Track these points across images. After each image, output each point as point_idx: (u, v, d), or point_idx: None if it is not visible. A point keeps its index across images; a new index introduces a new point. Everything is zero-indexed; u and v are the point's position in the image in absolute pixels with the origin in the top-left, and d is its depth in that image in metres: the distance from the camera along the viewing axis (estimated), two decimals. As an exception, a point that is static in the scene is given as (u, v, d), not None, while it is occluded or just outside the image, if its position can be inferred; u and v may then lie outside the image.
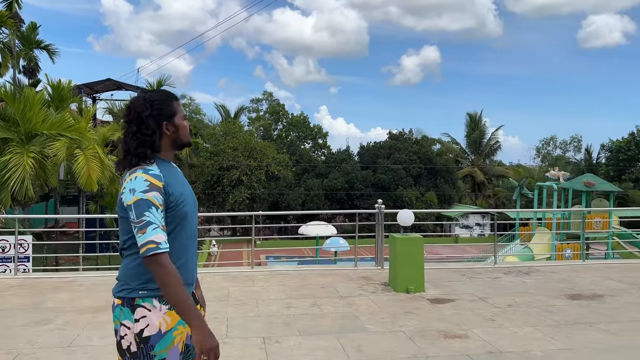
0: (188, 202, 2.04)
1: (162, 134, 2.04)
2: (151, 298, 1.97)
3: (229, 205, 41.40)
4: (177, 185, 2.02)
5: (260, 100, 57.34)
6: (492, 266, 7.87)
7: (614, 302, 5.91)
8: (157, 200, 1.91)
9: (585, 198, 28.49)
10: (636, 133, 46.30)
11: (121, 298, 1.98)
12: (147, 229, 1.86)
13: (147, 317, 1.95)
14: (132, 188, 1.91)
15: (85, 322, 5.01)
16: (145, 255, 1.86)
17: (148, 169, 1.96)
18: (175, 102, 2.09)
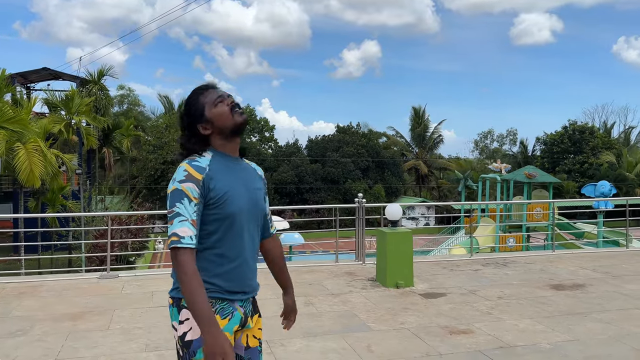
0: (235, 202, 1.85)
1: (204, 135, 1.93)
2: None
3: (174, 201, 40.20)
4: (226, 182, 1.86)
5: (203, 92, 55.92)
6: (469, 258, 7.95)
7: (596, 291, 6.07)
8: (191, 192, 1.78)
9: (526, 189, 29.76)
10: (568, 127, 48.88)
11: (172, 298, 1.91)
12: (174, 221, 1.76)
13: (191, 320, 1.81)
14: (174, 177, 1.83)
15: (65, 332, 4.57)
16: (169, 247, 1.77)
17: (195, 159, 1.86)
18: (202, 95, 1.94)
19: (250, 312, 2.00)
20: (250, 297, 1.98)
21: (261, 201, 2.02)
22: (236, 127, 1.91)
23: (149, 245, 29.93)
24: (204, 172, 1.81)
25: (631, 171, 43.95)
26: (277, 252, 2.24)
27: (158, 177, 40.95)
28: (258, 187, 2.01)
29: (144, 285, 6.24)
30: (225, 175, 1.87)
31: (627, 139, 53.50)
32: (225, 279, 1.87)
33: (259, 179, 2.07)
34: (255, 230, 1.98)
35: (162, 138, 41.41)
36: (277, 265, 2.25)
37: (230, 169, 1.90)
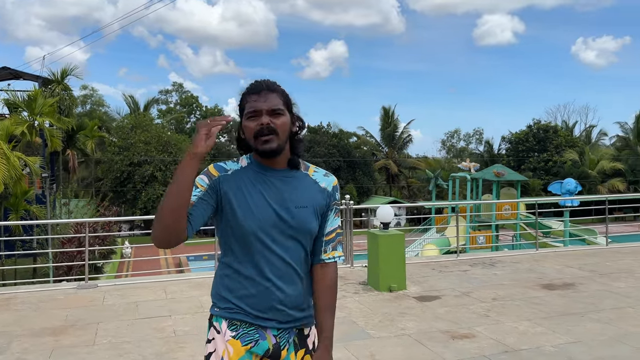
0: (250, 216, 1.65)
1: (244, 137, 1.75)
2: (221, 319, 1.72)
3: (142, 204, 39.30)
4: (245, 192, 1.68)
5: (170, 91, 54.93)
6: (456, 259, 7.91)
7: (587, 290, 6.09)
8: (199, 181, 1.68)
9: (495, 187, 30.24)
10: (533, 125, 50.05)
11: (210, 312, 1.78)
12: None
13: (214, 341, 1.72)
14: None
15: (48, 348, 4.27)
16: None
17: (226, 162, 1.77)
18: (246, 97, 1.71)
19: (292, 345, 1.73)
20: (292, 328, 1.73)
21: (302, 219, 1.70)
22: (257, 150, 1.69)
23: (117, 251, 29.15)
24: (223, 172, 1.71)
25: (593, 169, 45.29)
26: (322, 284, 1.79)
27: (124, 180, 39.93)
28: (301, 205, 1.71)
29: (126, 295, 5.94)
30: (249, 186, 1.68)
31: (589, 137, 55.13)
32: (249, 303, 1.69)
33: (319, 194, 1.77)
34: (295, 251, 1.71)
35: (127, 139, 40.38)
36: (317, 303, 1.80)
37: (261, 180, 1.70)
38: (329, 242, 1.81)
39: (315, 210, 1.75)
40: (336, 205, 1.83)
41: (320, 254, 1.80)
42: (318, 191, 1.78)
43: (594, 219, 37.24)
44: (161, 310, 5.32)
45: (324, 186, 1.79)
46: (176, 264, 30.25)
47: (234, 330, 1.69)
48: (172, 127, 48.19)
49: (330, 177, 1.82)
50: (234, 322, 1.69)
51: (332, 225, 1.82)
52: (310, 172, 1.80)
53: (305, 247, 1.74)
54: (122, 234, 37.81)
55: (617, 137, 54.18)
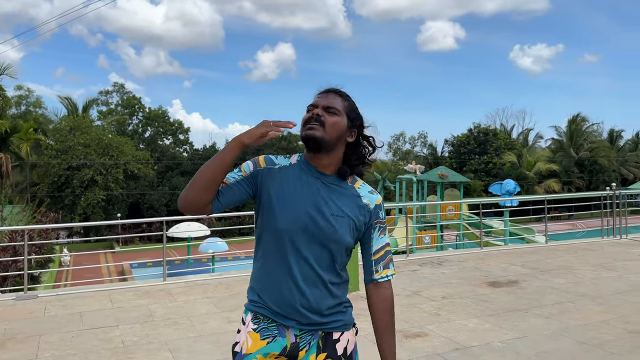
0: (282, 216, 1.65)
1: None
2: (248, 311, 1.77)
3: (81, 209, 37.74)
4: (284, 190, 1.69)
5: (111, 92, 53.11)
6: (405, 259, 8.06)
7: (529, 286, 6.36)
8: (244, 166, 1.73)
9: (440, 188, 31.10)
10: (473, 129, 51.86)
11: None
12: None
13: (241, 332, 1.76)
14: None
15: (-15, 366, 4.02)
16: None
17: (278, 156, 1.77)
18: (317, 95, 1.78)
19: (314, 347, 1.70)
20: (317, 330, 1.70)
21: (336, 228, 1.66)
22: (302, 139, 1.70)
23: (55, 259, 27.87)
24: (270, 164, 1.72)
25: (530, 170, 47.44)
26: (379, 305, 1.79)
27: (62, 184, 38.25)
28: (337, 214, 1.67)
29: (69, 305, 5.68)
30: (292, 185, 1.68)
31: (526, 140, 57.68)
32: (272, 298, 1.70)
33: (357, 207, 1.72)
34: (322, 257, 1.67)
35: (65, 142, 38.71)
36: (375, 324, 1.81)
37: (305, 182, 1.69)
38: (378, 260, 1.78)
39: (352, 223, 1.70)
40: (380, 223, 1.79)
41: (372, 274, 1.79)
42: (359, 206, 1.74)
43: (532, 218, 39.05)
44: (108, 320, 5.12)
45: (366, 202, 1.75)
46: (119, 272, 29.22)
47: (256, 323, 1.71)
48: (113, 130, 46.57)
49: (375, 195, 1.79)
50: (257, 315, 1.72)
51: (379, 243, 1.79)
52: (357, 186, 1.77)
53: (335, 255, 1.69)
54: (60, 242, 36.21)
55: (552, 140, 57.00)
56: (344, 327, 1.77)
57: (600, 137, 54.84)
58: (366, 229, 1.76)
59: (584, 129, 54.13)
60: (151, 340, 4.57)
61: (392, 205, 24.11)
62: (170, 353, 4.25)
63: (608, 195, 10.24)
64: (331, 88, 1.76)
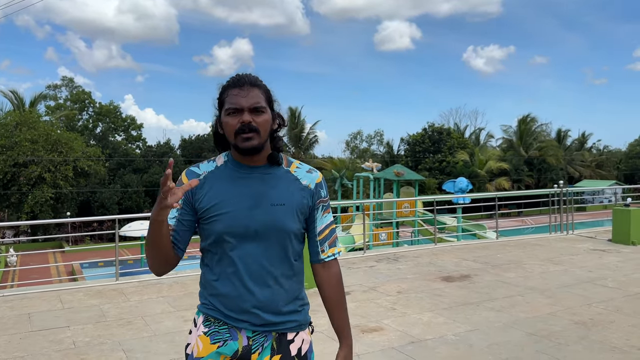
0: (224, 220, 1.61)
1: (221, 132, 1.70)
2: (200, 313, 1.72)
3: (28, 207, 36.23)
4: (220, 196, 1.63)
5: (59, 86, 51.16)
6: (362, 255, 8.16)
7: (481, 281, 6.56)
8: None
9: (396, 186, 31.59)
10: (428, 128, 52.92)
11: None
12: None
13: (192, 334, 1.72)
14: None
15: None
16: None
17: (200, 164, 1.71)
18: (228, 90, 1.65)
19: (268, 349, 1.66)
20: (270, 332, 1.66)
21: (277, 217, 1.63)
22: (236, 148, 1.63)
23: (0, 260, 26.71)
24: (195, 176, 1.66)
25: (482, 168, 48.86)
26: (327, 284, 1.78)
27: (8, 182, 36.60)
28: (279, 203, 1.64)
29: (17, 306, 5.46)
30: (224, 187, 1.63)
31: (478, 139, 59.34)
32: (222, 302, 1.65)
33: (302, 192, 1.69)
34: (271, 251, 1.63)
35: (11, 137, 37.06)
36: (327, 303, 1.79)
37: (237, 181, 1.64)
38: (324, 240, 1.76)
39: (294, 209, 1.67)
40: (323, 202, 1.75)
41: (319, 254, 1.76)
42: (299, 189, 1.69)
43: (483, 215, 40.18)
44: (58, 321, 4.95)
45: (306, 183, 1.71)
46: (68, 272, 28.25)
47: (207, 326, 1.67)
48: (62, 125, 44.90)
49: (314, 173, 1.74)
50: (209, 318, 1.67)
51: (323, 222, 1.75)
52: (293, 169, 1.72)
53: (285, 246, 1.65)
54: (5, 241, 34.67)
55: (502, 139, 58.84)
56: (299, 327, 1.72)
57: (548, 137, 57.10)
58: (310, 211, 1.72)
59: (533, 128, 56.16)
60: (104, 340, 4.45)
61: (350, 202, 24.39)
62: (124, 353, 4.15)
63: (556, 192, 10.68)
64: (243, 78, 1.67)
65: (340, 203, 27.75)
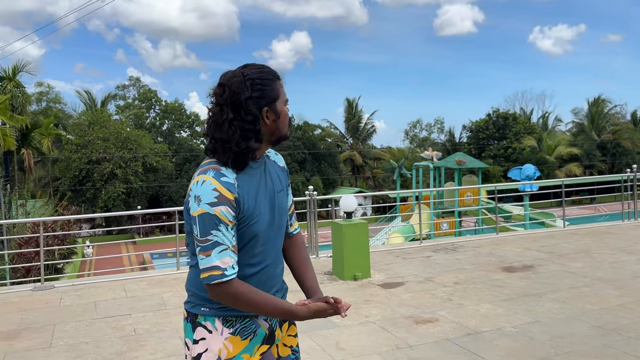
0: (260, 221, 1.64)
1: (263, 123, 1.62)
2: (214, 317, 1.66)
3: (102, 202, 38.30)
4: (253, 197, 1.63)
5: (127, 86, 53.60)
6: (419, 245, 8.00)
7: (545, 271, 6.25)
8: (226, 217, 1.53)
9: (457, 175, 30.78)
10: (492, 114, 51.15)
11: (186, 311, 1.72)
12: (212, 252, 1.53)
13: (207, 341, 1.65)
14: (198, 195, 1.54)
15: (1, 353, 4.09)
16: (207, 283, 1.55)
17: (222, 172, 1.57)
18: (278, 82, 1.65)
19: (278, 322, 1.76)
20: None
21: (284, 204, 1.76)
22: (284, 137, 1.69)
23: (77, 251, 28.39)
24: (234, 190, 1.56)
25: (551, 154, 46.73)
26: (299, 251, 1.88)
27: (83, 178, 38.83)
28: (280, 189, 1.75)
29: (85, 295, 5.76)
30: (252, 189, 1.63)
31: (545, 124, 56.76)
32: None
33: (282, 173, 1.81)
34: (279, 237, 1.75)
35: (85, 136, 39.24)
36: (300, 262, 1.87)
37: (254, 177, 1.65)
38: (292, 215, 1.88)
39: (285, 190, 1.80)
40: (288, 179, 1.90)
41: (288, 228, 1.86)
42: (281, 171, 1.81)
43: (552, 203, 38.49)
44: (121, 309, 5.18)
45: (282, 165, 1.84)
46: (140, 262, 29.67)
47: (230, 326, 1.65)
48: (131, 123, 47.03)
49: (279, 154, 1.87)
50: (228, 318, 1.65)
51: (291, 199, 1.87)
52: (268, 153, 1.81)
53: (285, 226, 1.80)
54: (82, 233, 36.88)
55: (573, 123, 55.97)
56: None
57: (623, 119, 53.69)
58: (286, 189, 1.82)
59: (606, 111, 53.04)
60: (163, 328, 4.61)
61: (409, 192, 23.97)
62: (180, 340, 4.28)
63: (628, 177, 10.01)
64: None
65: (400, 192, 27.45)
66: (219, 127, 1.57)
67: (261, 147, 1.64)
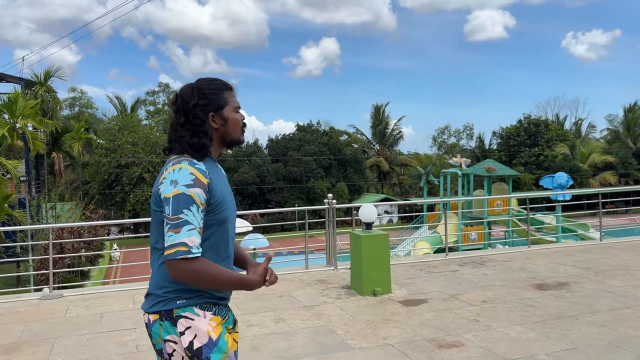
0: (229, 206, 1.85)
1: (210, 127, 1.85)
2: (191, 307, 1.78)
3: (130, 206, 38.73)
4: (220, 185, 1.82)
5: (157, 92, 54.31)
6: (444, 258, 7.58)
7: (582, 289, 5.77)
8: (199, 199, 1.71)
9: (486, 182, 29.97)
10: (523, 120, 49.92)
11: (157, 312, 1.77)
12: (182, 229, 1.67)
13: (193, 327, 1.76)
14: (174, 179, 1.71)
15: (-6, 371, 3.88)
16: (171, 258, 1.66)
17: (194, 162, 1.76)
18: (227, 92, 1.89)
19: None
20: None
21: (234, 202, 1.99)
22: (236, 142, 1.92)
23: (104, 255, 28.63)
24: (207, 175, 1.75)
25: (584, 162, 45.23)
26: None
27: (112, 182, 39.36)
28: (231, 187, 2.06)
29: (92, 305, 5.55)
30: (220, 179, 1.85)
31: (579, 131, 55.12)
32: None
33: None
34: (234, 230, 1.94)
35: (115, 141, 39.80)
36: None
37: (216, 171, 1.86)
38: None
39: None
40: None
41: None
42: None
43: (586, 213, 37.22)
44: (126, 323, 4.94)
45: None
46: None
47: (208, 310, 1.79)
48: (160, 128, 47.53)
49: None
50: (204, 305, 1.78)
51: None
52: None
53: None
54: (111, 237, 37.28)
55: (607, 130, 54.22)
56: None
57: (661, 127, 51.68)
58: None
59: (642, 118, 51.17)
60: (167, 345, 4.34)
61: (436, 200, 23.33)
62: (183, 360, 3.99)
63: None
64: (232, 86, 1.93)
65: (426, 201, 26.80)
66: (173, 129, 1.82)
67: (213, 146, 1.86)
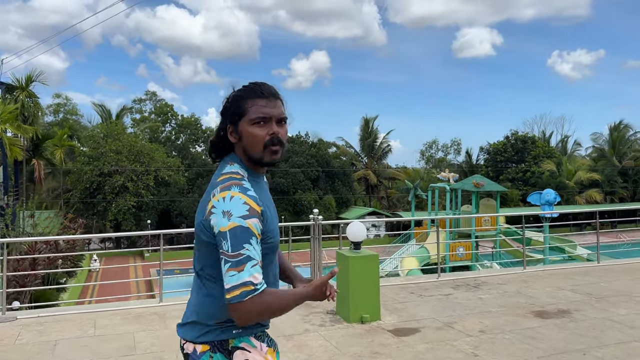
0: (276, 232, 1.66)
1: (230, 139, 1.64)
2: (248, 337, 1.64)
3: (112, 215, 37.88)
4: (270, 209, 1.63)
5: (144, 100, 53.58)
6: (437, 280, 7.12)
7: (585, 318, 5.33)
8: (257, 230, 1.52)
9: (474, 198, 29.70)
10: (510, 136, 50.05)
11: (208, 343, 1.60)
12: (244, 266, 1.47)
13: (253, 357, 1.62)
14: (227, 210, 1.49)
15: None
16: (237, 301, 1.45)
17: (245, 187, 1.54)
18: (251, 100, 1.60)
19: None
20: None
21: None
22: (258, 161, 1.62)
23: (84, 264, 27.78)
24: (259, 202, 1.57)
25: (571, 179, 45.34)
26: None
27: (94, 190, 38.49)
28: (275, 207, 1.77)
29: (47, 330, 4.98)
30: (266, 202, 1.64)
31: (564, 148, 55.42)
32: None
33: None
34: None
35: (98, 148, 39.00)
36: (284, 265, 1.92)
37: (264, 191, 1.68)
38: None
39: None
40: None
41: None
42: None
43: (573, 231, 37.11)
44: (83, 352, 4.38)
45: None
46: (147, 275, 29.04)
47: (262, 340, 1.68)
48: (147, 137, 46.78)
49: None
50: (258, 334, 1.67)
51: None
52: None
53: None
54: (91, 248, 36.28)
55: (593, 147, 54.58)
56: None
57: (646, 146, 52.16)
58: None
59: (627, 136, 51.65)
60: (126, 381, 3.80)
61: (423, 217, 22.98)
62: (142, 401, 3.46)
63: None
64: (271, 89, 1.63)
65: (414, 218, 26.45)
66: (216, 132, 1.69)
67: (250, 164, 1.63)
